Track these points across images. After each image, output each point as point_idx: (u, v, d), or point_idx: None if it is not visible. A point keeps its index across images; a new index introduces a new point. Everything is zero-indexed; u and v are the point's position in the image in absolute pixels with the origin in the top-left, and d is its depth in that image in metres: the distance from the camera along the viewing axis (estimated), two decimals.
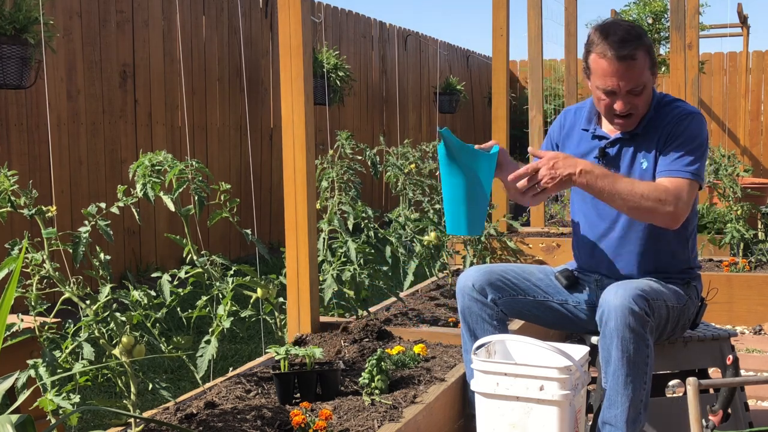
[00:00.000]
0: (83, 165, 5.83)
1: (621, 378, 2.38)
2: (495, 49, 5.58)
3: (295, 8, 3.17)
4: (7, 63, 4.48)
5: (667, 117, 2.58)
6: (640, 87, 2.49)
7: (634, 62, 2.45)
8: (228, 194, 2.76)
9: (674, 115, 2.57)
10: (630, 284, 2.42)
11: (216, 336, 2.62)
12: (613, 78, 2.47)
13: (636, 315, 2.34)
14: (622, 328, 2.35)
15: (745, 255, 5.12)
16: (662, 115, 2.59)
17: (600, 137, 2.67)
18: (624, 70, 2.46)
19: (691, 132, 2.53)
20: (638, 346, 2.35)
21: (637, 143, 2.61)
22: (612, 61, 2.45)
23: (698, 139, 2.53)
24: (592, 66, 2.52)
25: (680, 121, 2.55)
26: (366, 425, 2.33)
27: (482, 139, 12.95)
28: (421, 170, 4.45)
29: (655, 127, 2.59)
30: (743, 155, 11.99)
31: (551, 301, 2.72)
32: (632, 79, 2.47)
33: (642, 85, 2.49)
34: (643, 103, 2.54)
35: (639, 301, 2.36)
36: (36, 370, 2.06)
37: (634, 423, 2.40)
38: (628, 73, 2.46)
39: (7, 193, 2.19)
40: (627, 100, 2.51)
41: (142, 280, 5.98)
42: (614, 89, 2.49)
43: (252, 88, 7.62)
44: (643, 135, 2.60)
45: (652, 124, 2.59)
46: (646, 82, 2.51)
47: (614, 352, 2.37)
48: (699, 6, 6.80)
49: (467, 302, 2.68)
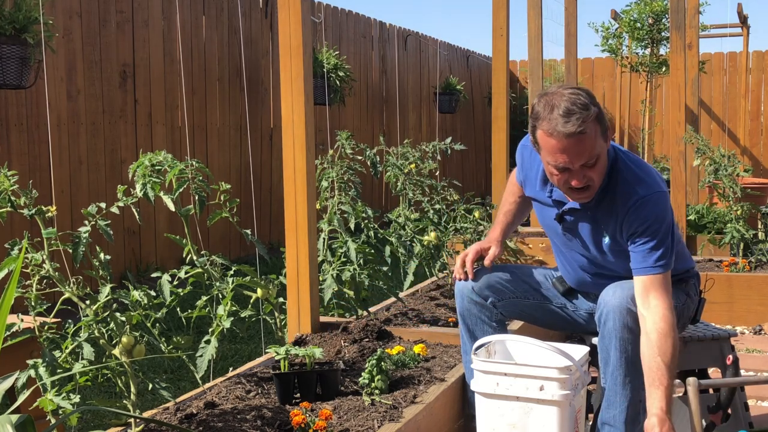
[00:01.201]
0: (83, 165, 5.83)
1: (619, 378, 2.38)
2: (495, 49, 5.58)
3: (295, 8, 3.17)
4: (7, 63, 4.48)
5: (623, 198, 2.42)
6: (593, 159, 2.32)
7: (583, 136, 2.27)
8: (228, 194, 2.76)
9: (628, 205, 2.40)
10: (628, 284, 2.42)
11: (216, 336, 2.62)
12: (563, 155, 2.30)
13: (634, 315, 2.34)
14: (620, 329, 2.35)
15: (745, 255, 5.12)
16: (619, 193, 2.43)
17: (556, 201, 2.55)
18: (574, 146, 2.28)
19: (654, 221, 2.38)
20: (636, 347, 2.35)
21: (593, 214, 2.48)
22: (560, 138, 2.27)
23: (662, 226, 2.39)
24: (540, 142, 2.35)
25: (638, 210, 2.39)
26: (366, 425, 2.33)
27: (482, 138, 12.95)
28: (421, 170, 4.45)
29: (611, 201, 2.44)
30: (743, 155, 11.99)
31: (550, 304, 2.72)
32: (584, 154, 2.30)
33: (595, 156, 2.32)
34: (598, 174, 2.37)
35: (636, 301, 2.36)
36: (36, 370, 2.06)
37: (633, 423, 2.40)
38: (578, 149, 2.28)
39: (7, 193, 2.19)
40: (582, 173, 2.33)
41: (142, 280, 5.98)
42: (566, 166, 2.32)
43: (252, 88, 7.62)
44: (599, 207, 2.46)
45: (608, 197, 2.44)
46: (599, 152, 2.33)
47: (612, 353, 2.37)
48: (699, 6, 6.81)
49: (466, 304, 2.68)
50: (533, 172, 2.62)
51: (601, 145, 2.33)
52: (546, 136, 2.31)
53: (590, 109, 2.29)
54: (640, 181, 2.43)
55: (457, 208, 4.50)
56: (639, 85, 11.02)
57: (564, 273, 2.73)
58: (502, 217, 2.87)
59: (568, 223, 2.55)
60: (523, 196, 2.82)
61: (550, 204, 2.58)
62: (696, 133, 5.91)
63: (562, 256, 2.69)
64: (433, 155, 4.55)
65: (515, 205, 2.86)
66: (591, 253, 2.56)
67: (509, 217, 2.86)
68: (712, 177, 5.40)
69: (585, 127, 2.27)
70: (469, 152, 12.48)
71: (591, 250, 2.55)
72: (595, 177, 2.37)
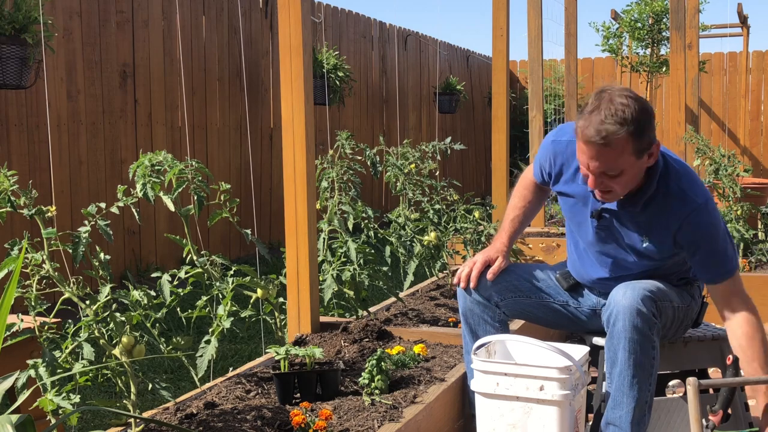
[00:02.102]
0: (83, 165, 5.83)
1: (627, 379, 2.38)
2: (495, 49, 5.58)
3: (295, 8, 3.17)
4: (7, 63, 4.48)
5: (674, 208, 2.42)
6: (615, 172, 2.31)
7: (606, 148, 2.27)
8: (228, 194, 2.76)
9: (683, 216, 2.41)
10: (638, 285, 2.41)
11: (216, 336, 2.62)
12: (583, 156, 2.33)
13: (644, 316, 2.34)
14: (630, 329, 2.35)
15: (745, 255, 5.12)
16: (667, 202, 2.43)
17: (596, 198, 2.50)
18: (596, 153, 2.29)
19: (712, 229, 2.41)
20: (645, 348, 2.35)
21: (636, 220, 2.48)
22: (586, 141, 2.30)
23: (720, 231, 2.42)
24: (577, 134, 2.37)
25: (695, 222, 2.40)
26: (366, 425, 2.33)
27: (482, 138, 12.93)
28: (421, 170, 4.45)
29: (659, 212, 2.44)
30: (743, 155, 11.99)
31: (552, 302, 2.71)
32: (605, 164, 2.30)
33: (618, 170, 2.31)
34: (621, 185, 2.36)
35: (647, 302, 2.36)
36: (36, 370, 2.06)
37: (639, 424, 2.40)
38: (600, 157, 2.29)
39: (7, 193, 2.19)
40: (600, 180, 2.34)
41: (142, 280, 5.98)
42: (587, 167, 2.35)
43: (252, 88, 7.62)
44: (645, 214, 2.46)
45: (656, 208, 2.44)
46: (625, 168, 2.31)
47: (621, 353, 2.37)
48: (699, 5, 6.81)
49: (469, 304, 2.68)
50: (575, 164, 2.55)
51: (629, 161, 2.30)
52: (578, 131, 2.33)
53: (626, 125, 2.26)
54: (693, 189, 2.44)
55: (457, 208, 4.50)
56: (639, 85, 11.02)
57: (578, 269, 2.70)
58: (509, 225, 2.81)
59: (606, 220, 2.52)
60: (533, 201, 2.81)
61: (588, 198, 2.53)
62: (696, 133, 5.91)
63: (584, 253, 2.65)
64: (433, 155, 4.55)
65: (523, 211, 2.82)
66: (622, 254, 2.54)
67: (516, 225, 2.82)
68: (712, 177, 5.39)
69: (612, 139, 2.25)
70: (469, 152, 12.48)
71: (624, 251, 2.53)
72: (616, 188, 2.36)
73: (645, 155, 2.33)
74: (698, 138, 5.62)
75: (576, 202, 2.59)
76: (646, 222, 2.47)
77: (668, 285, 2.55)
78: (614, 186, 2.36)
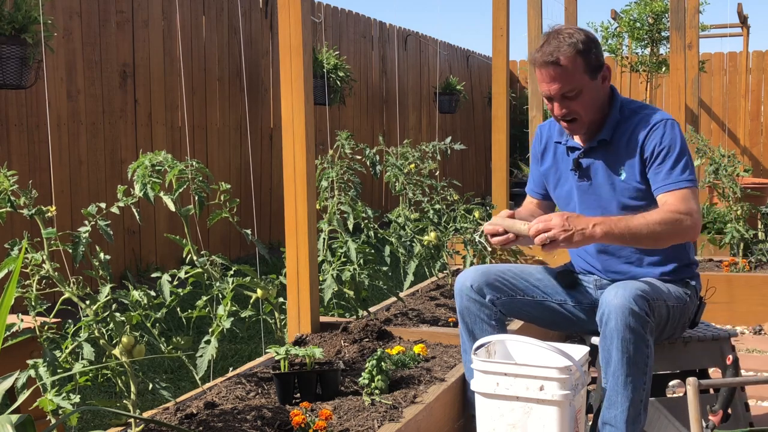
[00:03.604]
0: (83, 165, 5.83)
1: (621, 378, 2.38)
2: (495, 49, 5.58)
3: (295, 8, 3.17)
4: (7, 63, 4.48)
5: (639, 124, 2.56)
6: (573, 91, 2.48)
7: (558, 67, 2.45)
8: (228, 194, 2.76)
9: (647, 123, 2.54)
10: (630, 284, 2.42)
11: (216, 336, 2.62)
12: (542, 84, 2.50)
13: (636, 315, 2.34)
14: (622, 329, 2.35)
15: (745, 255, 5.12)
16: (633, 122, 2.57)
17: (572, 148, 2.67)
18: (550, 74, 2.47)
19: (672, 140, 2.52)
20: (638, 347, 2.35)
21: (609, 152, 2.60)
22: (539, 67, 2.49)
23: (680, 145, 2.52)
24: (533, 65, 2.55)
25: (655, 129, 2.53)
26: (366, 425, 2.33)
27: (482, 138, 12.93)
28: (421, 170, 4.45)
29: (624, 132, 2.57)
30: (743, 155, 11.99)
31: (550, 301, 2.72)
32: (561, 83, 2.47)
33: (576, 89, 2.48)
34: (583, 108, 2.52)
35: (639, 301, 2.36)
36: (36, 370, 2.06)
37: (634, 423, 2.40)
38: (555, 78, 2.47)
39: (7, 193, 2.19)
40: (563, 104, 2.50)
41: (142, 280, 5.98)
42: (548, 94, 2.51)
43: (252, 88, 7.62)
44: (614, 142, 2.59)
45: (621, 129, 2.58)
46: (582, 87, 2.48)
47: (614, 353, 2.37)
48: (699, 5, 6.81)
49: (465, 303, 2.68)
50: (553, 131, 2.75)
51: (583, 80, 2.48)
52: (532, 66, 2.54)
53: (572, 45, 2.46)
54: (655, 111, 2.59)
55: (457, 208, 4.50)
56: (639, 85, 11.02)
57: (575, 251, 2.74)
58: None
59: (584, 168, 2.63)
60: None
61: (565, 155, 2.67)
62: (696, 133, 5.91)
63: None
64: (433, 155, 4.55)
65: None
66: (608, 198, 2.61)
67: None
68: (712, 177, 5.40)
69: (560, 57, 2.45)
70: (469, 152, 12.48)
71: (608, 192, 2.60)
72: (579, 110, 2.52)
73: (599, 77, 2.52)
74: (698, 138, 5.62)
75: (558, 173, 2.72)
76: (619, 149, 2.58)
77: (663, 284, 2.55)
78: (577, 109, 2.51)
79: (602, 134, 2.59)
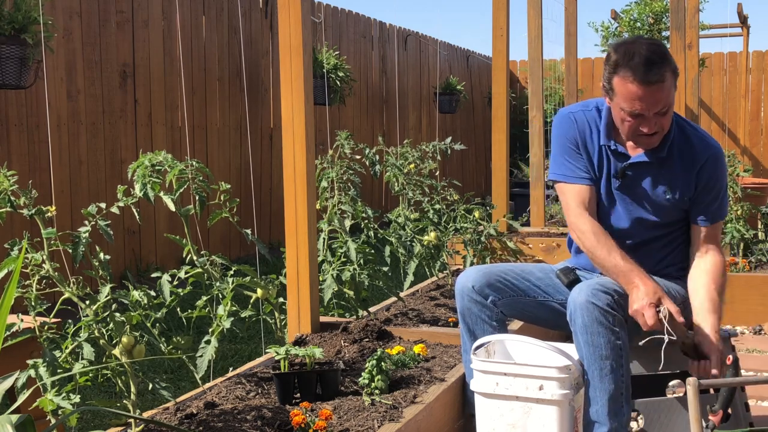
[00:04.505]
0: (83, 165, 5.83)
1: (596, 373, 2.40)
2: (495, 49, 5.58)
3: (295, 8, 3.17)
4: (7, 63, 4.48)
5: (695, 148, 2.56)
6: (666, 108, 2.43)
7: (662, 85, 2.39)
8: (228, 194, 2.76)
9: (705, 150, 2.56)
10: (594, 281, 2.46)
11: (216, 336, 2.62)
12: (640, 102, 2.39)
13: (600, 309, 2.36)
14: (589, 324, 2.38)
15: (745, 255, 5.12)
16: (690, 143, 2.57)
17: (620, 154, 2.60)
18: (652, 94, 2.38)
19: (723, 173, 2.60)
20: (608, 339, 2.37)
21: (662, 168, 2.57)
22: (639, 86, 2.37)
23: (726, 178, 2.63)
24: (617, 88, 2.43)
25: (715, 162, 2.56)
26: (366, 425, 2.33)
27: (482, 138, 12.92)
28: (420, 170, 4.45)
29: (681, 154, 2.55)
30: (743, 155, 11.99)
31: (551, 301, 2.72)
32: (660, 102, 2.40)
33: (669, 105, 2.44)
34: (668, 121, 2.49)
35: (601, 296, 2.39)
36: (36, 370, 2.06)
37: (617, 416, 2.41)
38: (656, 97, 2.39)
39: (7, 193, 2.19)
40: (654, 121, 2.44)
41: (142, 280, 5.98)
42: (642, 112, 2.41)
43: (252, 88, 7.62)
44: (670, 160, 2.56)
45: (678, 149, 2.56)
46: (672, 102, 2.45)
47: (585, 349, 2.40)
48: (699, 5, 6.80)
49: (466, 303, 2.68)
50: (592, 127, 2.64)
51: (673, 95, 2.47)
52: (625, 82, 2.40)
53: (668, 59, 2.42)
54: (706, 134, 2.63)
55: (457, 208, 4.50)
56: None
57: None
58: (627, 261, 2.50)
59: (629, 178, 2.60)
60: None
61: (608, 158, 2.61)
62: None
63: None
64: (433, 155, 4.55)
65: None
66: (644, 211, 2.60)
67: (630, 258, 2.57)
68: None
69: (665, 75, 2.39)
70: (469, 152, 12.48)
71: (646, 206, 2.60)
72: (665, 124, 2.49)
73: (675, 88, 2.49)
74: None
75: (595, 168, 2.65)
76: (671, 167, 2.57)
77: (663, 283, 2.55)
78: (665, 123, 2.48)
79: (661, 151, 2.55)
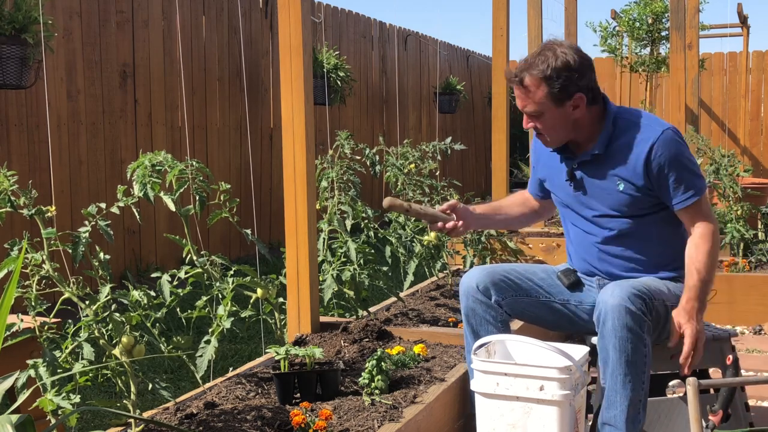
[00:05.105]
0: (83, 165, 5.83)
1: (619, 378, 2.38)
2: (495, 49, 5.58)
3: (295, 8, 3.17)
4: (7, 63, 4.48)
5: (636, 137, 2.53)
6: (535, 113, 2.52)
7: (522, 87, 2.51)
8: (228, 194, 2.76)
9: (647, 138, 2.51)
10: (627, 283, 2.43)
11: (216, 336, 2.62)
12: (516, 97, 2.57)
13: (633, 314, 2.35)
14: (619, 328, 2.35)
15: (745, 255, 5.12)
16: (629, 135, 2.55)
17: (566, 157, 2.68)
18: (516, 90, 2.54)
19: (674, 153, 2.50)
20: (636, 346, 2.36)
21: (604, 164, 2.59)
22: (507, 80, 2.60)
23: (684, 155, 2.52)
24: None
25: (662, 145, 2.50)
26: (366, 425, 2.33)
27: (482, 138, 12.92)
28: (420, 170, 4.45)
29: (621, 146, 2.56)
30: (743, 155, 11.99)
31: (553, 301, 2.71)
32: (522, 102, 2.53)
33: (537, 111, 2.51)
34: (545, 129, 2.56)
35: (636, 300, 2.36)
36: (36, 370, 2.06)
37: (634, 423, 2.40)
38: (520, 96, 2.53)
39: (6, 193, 2.19)
40: (530, 119, 2.57)
41: (142, 280, 5.98)
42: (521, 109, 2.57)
43: (252, 88, 7.62)
44: (610, 155, 2.57)
45: (617, 142, 2.56)
46: (544, 111, 2.51)
47: (612, 353, 2.38)
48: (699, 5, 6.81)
49: (471, 304, 2.67)
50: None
51: (544, 106, 2.50)
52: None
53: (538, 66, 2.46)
54: (651, 120, 2.58)
55: None
56: (639, 85, 11.01)
57: (575, 252, 2.76)
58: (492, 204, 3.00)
59: (578, 180, 2.64)
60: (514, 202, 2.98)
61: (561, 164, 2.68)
62: (696, 133, 5.91)
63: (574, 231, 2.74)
64: (433, 155, 4.55)
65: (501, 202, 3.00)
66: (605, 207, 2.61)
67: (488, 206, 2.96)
68: (713, 177, 5.40)
69: (524, 78, 2.49)
70: (469, 152, 12.48)
71: (606, 201, 2.61)
72: (542, 130, 2.56)
73: (567, 105, 2.50)
74: (698, 138, 5.62)
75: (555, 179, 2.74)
76: (615, 162, 2.57)
77: (662, 283, 2.56)
78: (540, 128, 2.56)
79: (595, 148, 2.58)
